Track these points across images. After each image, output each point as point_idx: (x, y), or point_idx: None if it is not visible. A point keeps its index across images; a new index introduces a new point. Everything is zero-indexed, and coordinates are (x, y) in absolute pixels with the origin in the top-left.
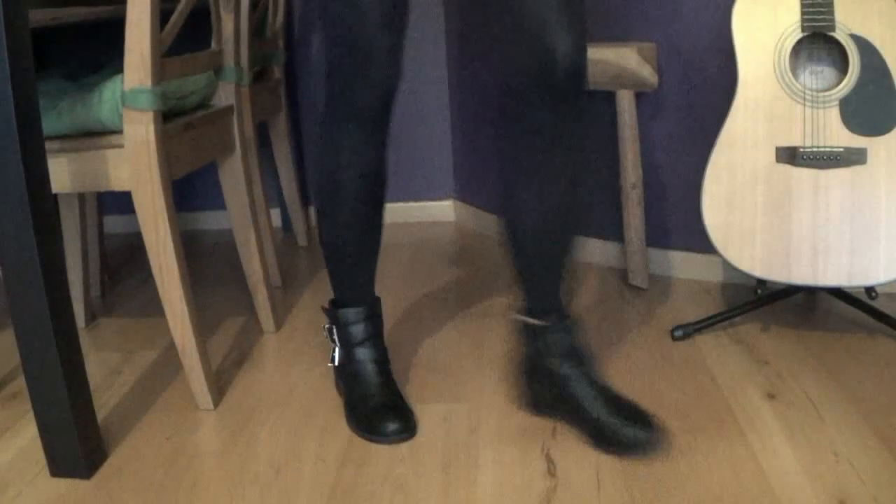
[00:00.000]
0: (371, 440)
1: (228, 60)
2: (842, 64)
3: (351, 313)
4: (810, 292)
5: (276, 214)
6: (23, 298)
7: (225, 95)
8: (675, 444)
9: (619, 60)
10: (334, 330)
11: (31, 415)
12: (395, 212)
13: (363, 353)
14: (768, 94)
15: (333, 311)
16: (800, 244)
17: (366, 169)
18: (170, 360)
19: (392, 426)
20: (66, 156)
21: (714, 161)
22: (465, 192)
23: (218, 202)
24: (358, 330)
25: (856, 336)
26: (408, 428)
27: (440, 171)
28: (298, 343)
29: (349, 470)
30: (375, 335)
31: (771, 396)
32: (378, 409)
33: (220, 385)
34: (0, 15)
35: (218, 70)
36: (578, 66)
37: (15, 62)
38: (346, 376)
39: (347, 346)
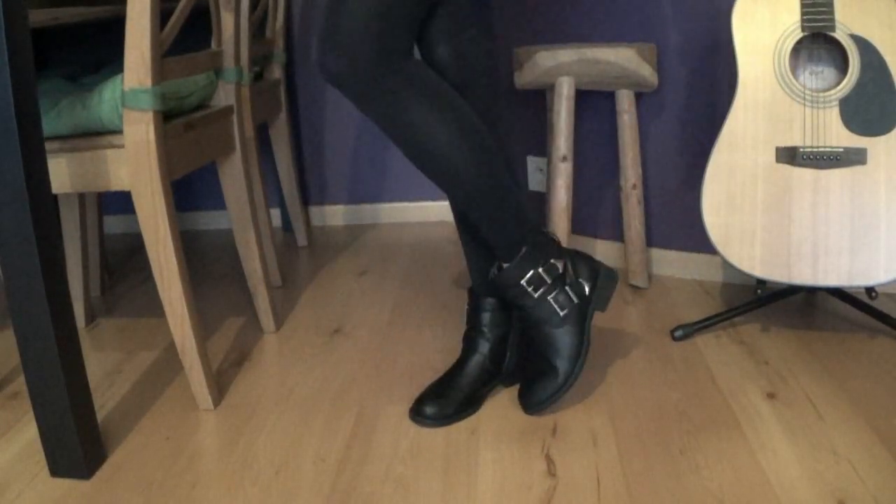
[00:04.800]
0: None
1: (228, 60)
2: (842, 64)
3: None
4: (810, 292)
5: (276, 214)
6: (23, 298)
7: (225, 95)
8: (675, 444)
9: (619, 60)
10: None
11: (31, 415)
12: (395, 212)
13: None
14: (768, 94)
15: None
16: (800, 244)
17: None
18: (170, 360)
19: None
20: (66, 156)
21: (714, 161)
22: None
23: (218, 202)
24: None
25: (856, 336)
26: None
27: None
28: (298, 343)
29: (349, 470)
30: None
31: (771, 396)
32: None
33: (220, 385)
34: (0, 15)
35: (218, 70)
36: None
37: (15, 62)
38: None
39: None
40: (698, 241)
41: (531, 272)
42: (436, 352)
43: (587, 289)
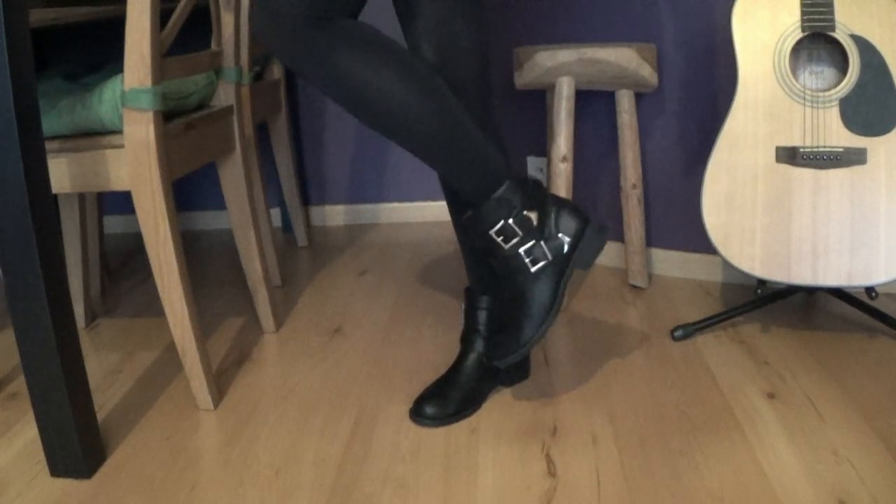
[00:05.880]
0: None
1: (228, 60)
2: (842, 64)
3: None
4: (810, 292)
5: (276, 214)
6: (23, 298)
7: (225, 95)
8: (675, 444)
9: (619, 60)
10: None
11: (31, 415)
12: (395, 212)
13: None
14: (768, 93)
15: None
16: (800, 244)
17: None
18: (170, 360)
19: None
20: (66, 156)
21: (714, 161)
22: None
23: (218, 202)
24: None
25: (856, 336)
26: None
27: None
28: (298, 343)
29: (349, 470)
30: None
31: (771, 396)
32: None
33: (220, 385)
34: (0, 15)
35: (218, 70)
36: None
37: (15, 62)
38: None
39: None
40: (698, 241)
41: (501, 223)
42: (436, 351)
43: (567, 246)
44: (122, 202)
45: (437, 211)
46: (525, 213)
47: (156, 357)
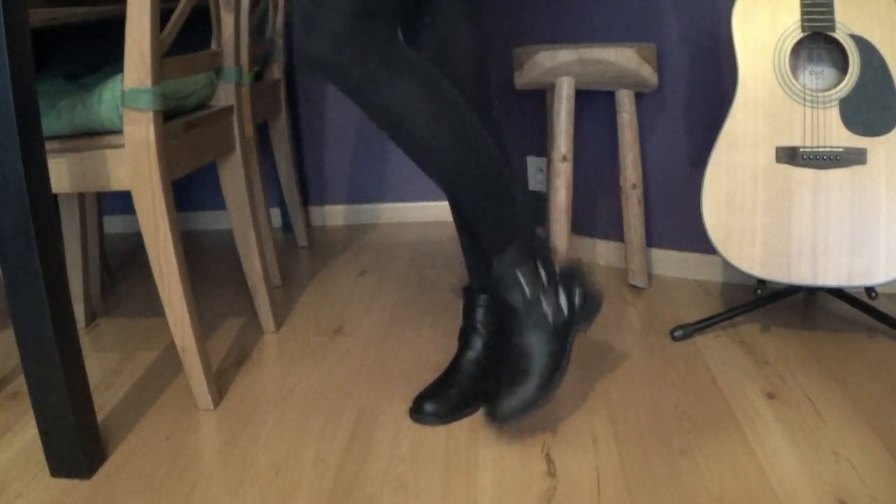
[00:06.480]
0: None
1: (228, 60)
2: (842, 64)
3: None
4: (810, 292)
5: (276, 214)
6: (23, 298)
7: (225, 95)
8: (675, 444)
9: (619, 60)
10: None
11: (31, 415)
12: (395, 212)
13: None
14: (768, 94)
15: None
16: (800, 244)
17: None
18: (170, 360)
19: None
20: (66, 156)
21: (714, 161)
22: None
23: (218, 202)
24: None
25: (856, 336)
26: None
27: None
28: (298, 343)
29: (349, 470)
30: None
31: (771, 396)
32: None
33: (220, 385)
34: (0, 15)
35: (218, 70)
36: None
37: (15, 62)
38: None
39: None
40: (698, 241)
41: (524, 267)
42: (435, 351)
43: (566, 311)
44: (122, 202)
45: (437, 211)
46: (537, 266)
47: (156, 357)
